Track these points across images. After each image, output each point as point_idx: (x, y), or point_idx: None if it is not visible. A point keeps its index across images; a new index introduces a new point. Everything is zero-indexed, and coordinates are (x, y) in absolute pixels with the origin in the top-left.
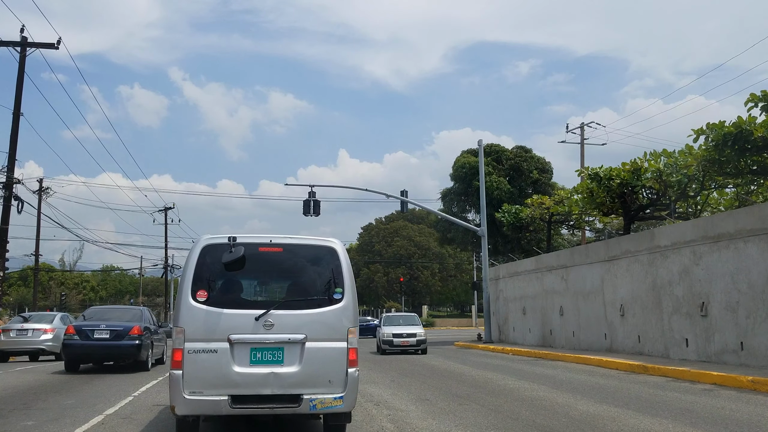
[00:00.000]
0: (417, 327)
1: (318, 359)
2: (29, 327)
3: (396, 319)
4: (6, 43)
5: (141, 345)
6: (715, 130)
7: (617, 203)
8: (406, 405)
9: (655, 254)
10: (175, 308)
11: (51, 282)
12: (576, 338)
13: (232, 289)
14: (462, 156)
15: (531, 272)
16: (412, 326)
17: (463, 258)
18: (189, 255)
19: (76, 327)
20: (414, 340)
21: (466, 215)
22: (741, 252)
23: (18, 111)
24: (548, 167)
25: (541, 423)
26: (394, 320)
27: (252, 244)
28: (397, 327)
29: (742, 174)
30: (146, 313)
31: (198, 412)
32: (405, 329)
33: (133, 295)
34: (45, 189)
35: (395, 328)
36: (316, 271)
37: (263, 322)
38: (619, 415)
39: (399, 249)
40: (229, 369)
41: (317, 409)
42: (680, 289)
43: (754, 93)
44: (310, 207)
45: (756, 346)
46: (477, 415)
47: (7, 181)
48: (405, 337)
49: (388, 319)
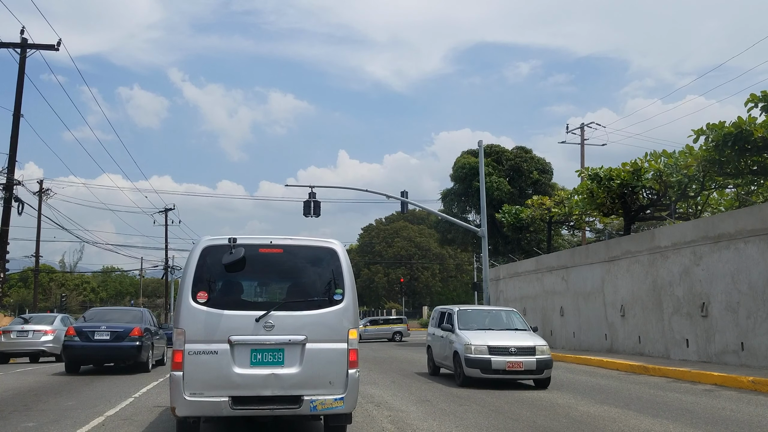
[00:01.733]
0: (529, 335)
1: (318, 360)
2: (30, 328)
3: (479, 316)
4: (6, 45)
5: (141, 346)
6: (715, 130)
7: (617, 204)
8: (406, 406)
9: (656, 255)
10: (175, 309)
11: (51, 283)
12: (576, 339)
13: (233, 291)
14: (462, 156)
15: (531, 273)
16: (520, 333)
17: (464, 259)
18: (189, 256)
19: (77, 328)
20: (532, 361)
21: (466, 216)
22: (741, 252)
23: (18, 112)
24: (548, 168)
25: (542, 424)
26: (476, 318)
27: (252, 245)
28: (493, 334)
29: (743, 174)
30: (147, 314)
31: (198, 414)
32: (511, 339)
33: (133, 297)
34: (45, 190)
35: (490, 337)
36: (316, 272)
37: (263, 323)
38: (620, 416)
39: (399, 250)
40: (229, 370)
41: (318, 410)
42: (681, 290)
43: (754, 93)
44: (311, 208)
45: (756, 346)
46: (478, 416)
47: (8, 182)
48: (515, 354)
49: (465, 316)
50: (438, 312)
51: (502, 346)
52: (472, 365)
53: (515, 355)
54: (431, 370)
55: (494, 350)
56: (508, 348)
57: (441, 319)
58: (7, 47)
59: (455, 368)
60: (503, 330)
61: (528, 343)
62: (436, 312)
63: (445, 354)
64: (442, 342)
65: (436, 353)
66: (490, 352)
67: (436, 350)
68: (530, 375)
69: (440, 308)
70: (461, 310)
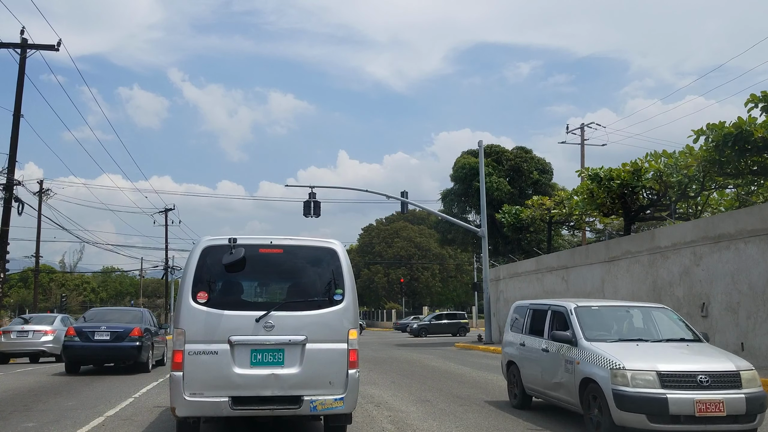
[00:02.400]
0: (711, 349)
1: (318, 360)
2: (30, 329)
3: (613, 318)
4: (6, 45)
5: (141, 346)
6: (715, 130)
7: (617, 204)
8: (406, 406)
9: (656, 255)
10: (175, 310)
11: (51, 283)
12: None
13: (233, 291)
14: (462, 157)
15: (531, 273)
16: (696, 348)
17: (464, 259)
18: (189, 256)
19: (77, 328)
20: (738, 400)
21: (466, 216)
22: (741, 252)
23: (18, 112)
24: (548, 168)
25: (542, 424)
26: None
27: (252, 245)
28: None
29: (743, 174)
30: (147, 314)
31: (199, 414)
32: (692, 360)
33: (133, 297)
34: (45, 190)
35: (653, 354)
36: (316, 273)
37: (264, 323)
38: None
39: (399, 250)
40: (229, 370)
41: (318, 410)
42: (681, 290)
43: (754, 93)
44: (311, 208)
45: (757, 346)
46: (478, 417)
47: (8, 182)
48: (708, 386)
49: (590, 317)
50: (527, 309)
51: (684, 373)
52: (629, 406)
53: (708, 389)
54: (518, 400)
55: (670, 380)
56: (694, 375)
57: (535, 320)
58: (7, 47)
59: (586, 406)
60: (661, 342)
61: (724, 366)
62: (522, 309)
63: (554, 379)
64: (547, 358)
65: (528, 375)
66: (662, 383)
67: (530, 370)
68: (736, 425)
69: (533, 304)
70: (583, 307)
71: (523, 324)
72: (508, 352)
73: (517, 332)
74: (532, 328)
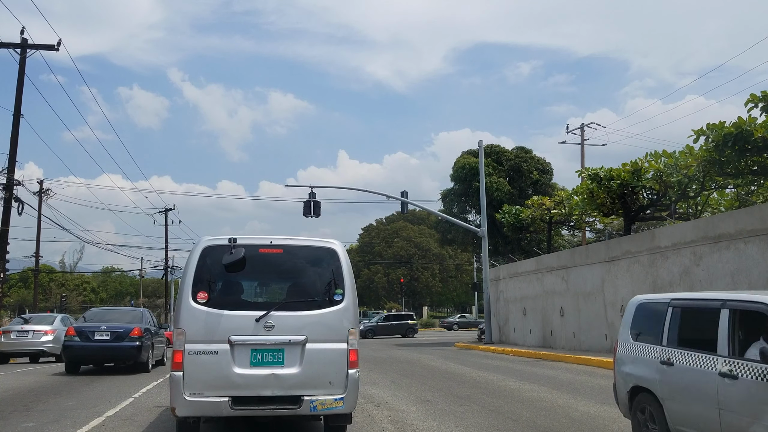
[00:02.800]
0: None
1: (318, 360)
2: (30, 328)
3: None
4: (6, 45)
5: (141, 346)
6: (715, 130)
7: (617, 204)
8: (406, 406)
9: (656, 255)
10: (175, 309)
11: (51, 283)
12: (576, 339)
13: (233, 291)
14: (462, 157)
15: (531, 273)
16: None
17: (464, 259)
18: (189, 256)
19: (77, 328)
20: None
21: (466, 216)
22: (741, 252)
23: (18, 112)
24: (548, 168)
25: (542, 424)
26: None
27: (252, 245)
28: None
29: (743, 174)
30: (147, 314)
31: (199, 414)
32: None
33: (133, 297)
34: (45, 190)
35: None
36: (316, 273)
37: (264, 323)
38: (620, 416)
39: (399, 250)
40: (229, 370)
41: (318, 410)
42: (681, 290)
43: (754, 93)
44: (311, 208)
45: None
46: (478, 416)
47: (8, 182)
48: None
49: None
50: (667, 308)
51: None
52: None
53: None
54: None
55: None
56: None
57: (691, 324)
58: (7, 47)
59: None
60: None
61: None
62: (656, 308)
63: (752, 428)
64: (732, 390)
65: (684, 414)
66: None
67: (689, 408)
68: None
69: (677, 299)
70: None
71: (662, 331)
72: (633, 374)
73: (648, 343)
74: (682, 339)
